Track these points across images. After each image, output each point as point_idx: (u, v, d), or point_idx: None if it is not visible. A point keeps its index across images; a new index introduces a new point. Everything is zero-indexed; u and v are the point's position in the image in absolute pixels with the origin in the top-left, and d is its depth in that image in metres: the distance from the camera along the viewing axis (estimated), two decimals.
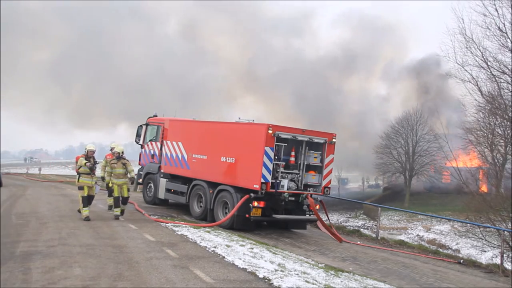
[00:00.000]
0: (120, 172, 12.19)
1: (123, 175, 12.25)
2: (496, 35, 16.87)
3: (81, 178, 11.65)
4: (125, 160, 12.35)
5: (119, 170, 12.18)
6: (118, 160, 12.23)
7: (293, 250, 10.26)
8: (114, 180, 12.21)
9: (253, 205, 11.53)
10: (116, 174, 12.19)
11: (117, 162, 12.21)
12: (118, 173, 12.18)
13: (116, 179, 12.20)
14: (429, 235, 29.50)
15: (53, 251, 7.83)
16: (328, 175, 12.41)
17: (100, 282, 6.12)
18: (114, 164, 12.23)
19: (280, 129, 11.52)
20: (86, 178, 11.66)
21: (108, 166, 12.35)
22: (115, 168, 12.20)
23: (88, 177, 11.68)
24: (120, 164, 12.19)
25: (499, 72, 17.55)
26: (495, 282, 9.76)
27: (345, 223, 31.89)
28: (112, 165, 12.24)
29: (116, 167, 12.20)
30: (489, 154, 19.28)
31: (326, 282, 6.89)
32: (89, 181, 11.71)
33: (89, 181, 11.70)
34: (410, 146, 48.77)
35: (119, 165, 12.19)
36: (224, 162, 12.45)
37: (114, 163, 12.23)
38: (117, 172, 12.18)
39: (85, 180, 11.64)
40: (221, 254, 8.08)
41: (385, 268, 9.71)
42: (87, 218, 11.29)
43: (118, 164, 12.19)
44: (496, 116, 18.45)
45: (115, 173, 12.20)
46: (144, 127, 16.64)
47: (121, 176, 12.22)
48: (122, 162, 12.24)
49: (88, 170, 11.64)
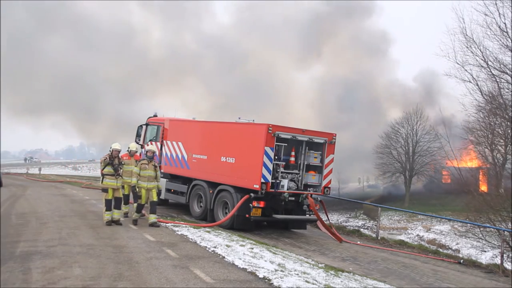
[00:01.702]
0: (150, 174, 11.04)
1: (153, 178, 11.11)
2: (497, 34, 16.92)
3: (105, 180, 10.89)
4: (156, 163, 11.43)
5: (150, 172, 11.06)
6: (150, 161, 11.18)
7: (293, 250, 10.25)
8: (143, 184, 11.01)
9: (253, 205, 11.53)
10: (145, 176, 11.02)
11: (148, 163, 11.11)
12: (148, 176, 11.02)
13: (146, 182, 11.02)
14: (429, 235, 29.44)
15: (53, 251, 7.83)
16: (328, 175, 12.41)
17: (100, 282, 6.12)
18: (145, 165, 11.08)
19: (280, 129, 11.52)
20: (110, 180, 10.90)
21: (137, 167, 11.13)
22: (146, 169, 11.05)
23: (113, 179, 10.89)
24: (151, 166, 11.12)
25: (499, 72, 17.58)
26: (495, 282, 9.76)
27: (345, 223, 31.84)
28: (143, 166, 11.08)
29: (147, 168, 11.07)
30: (489, 154, 19.30)
31: (326, 282, 6.89)
32: (114, 182, 10.91)
33: (114, 183, 10.89)
34: (410, 146, 48.77)
35: (150, 167, 11.10)
36: (224, 162, 12.45)
37: (145, 164, 11.09)
38: (147, 174, 11.03)
39: (109, 182, 10.86)
40: (221, 254, 8.08)
41: (385, 268, 9.71)
42: (109, 223, 10.65)
43: (150, 166, 11.10)
44: (496, 116, 18.46)
45: (145, 175, 11.01)
46: (144, 127, 16.64)
47: (151, 179, 11.07)
48: (154, 164, 11.25)
49: (112, 171, 10.87)
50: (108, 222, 10.73)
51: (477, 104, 18.91)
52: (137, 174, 11.01)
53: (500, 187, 18.01)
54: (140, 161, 11.24)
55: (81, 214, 12.51)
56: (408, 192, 47.85)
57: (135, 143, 12.36)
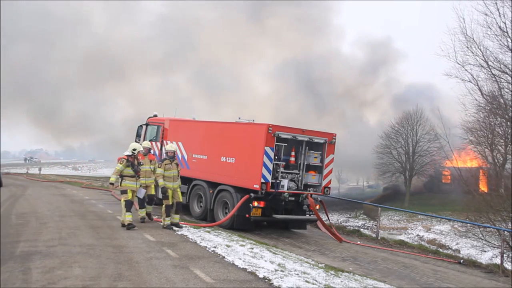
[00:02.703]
0: (175, 174, 10.88)
1: (177, 178, 10.97)
2: (497, 34, 16.92)
3: (124, 181, 10.67)
4: (177, 161, 11.29)
5: (174, 172, 10.88)
6: (172, 161, 10.99)
7: (293, 250, 10.25)
8: (169, 184, 10.80)
9: (253, 205, 11.53)
10: (170, 176, 10.83)
11: (171, 163, 10.92)
12: (173, 176, 10.85)
13: (171, 183, 10.84)
14: (429, 235, 29.48)
15: (53, 251, 7.83)
16: (328, 175, 12.41)
17: (100, 282, 6.11)
18: (168, 165, 10.86)
19: (280, 129, 11.52)
20: (131, 181, 10.73)
21: (161, 168, 10.89)
22: (170, 169, 10.84)
23: (133, 180, 10.74)
24: (174, 165, 10.94)
25: (499, 72, 17.58)
26: (495, 282, 9.75)
27: (345, 223, 31.87)
28: (167, 166, 10.86)
29: (171, 168, 10.87)
30: (489, 154, 19.29)
31: (326, 282, 6.89)
32: (134, 184, 10.75)
33: (134, 185, 10.73)
34: (410, 146, 48.79)
35: (174, 166, 10.91)
36: (224, 162, 12.45)
37: (169, 164, 10.87)
38: (172, 174, 10.83)
39: (130, 184, 10.68)
40: (221, 254, 8.08)
41: (385, 268, 9.71)
42: (131, 225, 10.31)
43: (173, 165, 10.91)
44: (496, 116, 18.46)
45: (169, 175, 10.82)
46: (144, 127, 16.63)
47: (175, 179, 10.91)
48: (176, 163, 11.11)
49: (133, 172, 10.72)
50: (130, 224, 10.31)
51: (477, 104, 18.92)
52: (162, 175, 10.79)
53: (500, 187, 18.00)
54: (163, 162, 10.97)
55: (81, 214, 12.51)
56: (408, 192, 47.87)
57: (147, 141, 12.13)
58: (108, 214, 12.77)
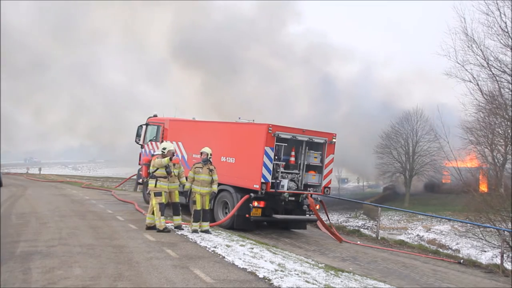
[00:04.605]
0: (204, 179, 10.18)
1: (207, 183, 10.24)
2: (498, 34, 16.93)
3: (158, 183, 10.15)
4: (213, 166, 10.36)
5: (204, 176, 10.19)
6: (205, 165, 10.31)
7: (293, 250, 10.26)
8: (196, 188, 10.23)
9: (253, 205, 11.53)
10: (199, 180, 10.19)
11: (203, 167, 10.26)
12: (202, 180, 10.18)
13: (199, 187, 10.22)
14: (429, 235, 29.47)
15: (53, 251, 7.82)
16: (328, 175, 12.42)
17: (100, 282, 6.11)
18: (199, 169, 10.23)
19: (280, 129, 11.52)
20: (164, 183, 10.22)
21: (191, 171, 10.37)
22: (199, 173, 10.21)
23: (166, 181, 10.22)
24: (206, 170, 10.21)
25: (499, 72, 17.57)
26: (495, 282, 9.76)
27: (345, 223, 31.85)
28: (197, 169, 10.25)
29: (201, 172, 10.20)
30: (489, 154, 19.28)
31: (326, 282, 6.89)
32: (167, 186, 10.26)
33: (167, 186, 10.26)
34: (410, 146, 48.79)
35: (205, 171, 10.20)
36: (224, 162, 12.44)
37: (199, 168, 10.24)
38: (201, 179, 10.17)
39: (163, 185, 10.17)
40: (221, 254, 8.08)
41: (385, 268, 9.71)
42: (166, 229, 9.97)
43: (204, 170, 10.21)
44: (496, 115, 18.45)
45: (199, 179, 10.20)
46: (144, 127, 16.64)
47: (205, 184, 10.21)
48: (209, 167, 10.31)
49: (166, 173, 10.18)
50: (166, 228, 10.00)
51: (477, 104, 18.90)
52: (191, 178, 10.26)
53: (500, 187, 18.00)
54: (195, 165, 10.45)
55: (81, 214, 12.51)
56: (408, 192, 47.87)
57: (171, 143, 11.36)
58: (108, 214, 12.77)
